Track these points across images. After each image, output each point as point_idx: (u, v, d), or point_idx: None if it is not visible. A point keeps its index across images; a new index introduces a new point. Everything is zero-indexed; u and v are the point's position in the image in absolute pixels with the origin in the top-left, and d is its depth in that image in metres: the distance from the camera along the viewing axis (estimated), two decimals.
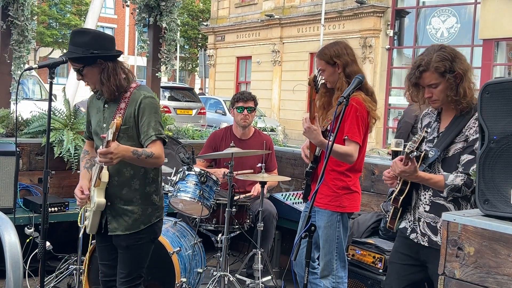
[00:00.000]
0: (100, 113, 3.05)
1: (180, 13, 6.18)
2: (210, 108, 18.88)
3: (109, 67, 2.92)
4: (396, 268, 2.85)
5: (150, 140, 2.89)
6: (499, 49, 17.15)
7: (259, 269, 4.21)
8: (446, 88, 2.60)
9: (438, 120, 2.77)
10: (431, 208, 2.69)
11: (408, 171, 2.51)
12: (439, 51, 2.61)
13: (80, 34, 2.96)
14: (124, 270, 3.03)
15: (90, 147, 3.24)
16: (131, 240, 3.00)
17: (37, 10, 29.48)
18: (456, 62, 2.61)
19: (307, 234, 2.49)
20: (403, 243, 2.83)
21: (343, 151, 3.27)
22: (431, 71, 2.59)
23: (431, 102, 2.68)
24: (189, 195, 4.06)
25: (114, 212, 3.01)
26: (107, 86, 2.91)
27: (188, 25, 33.56)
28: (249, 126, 4.89)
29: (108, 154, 2.69)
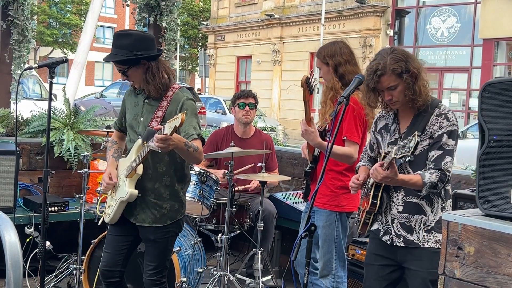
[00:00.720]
0: (139, 107, 3.15)
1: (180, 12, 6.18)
2: (210, 107, 18.88)
3: (153, 66, 3.04)
4: (374, 270, 2.87)
5: (191, 138, 3.00)
6: (499, 48, 17.16)
7: (259, 268, 4.21)
8: (404, 88, 2.65)
9: (396, 121, 2.80)
10: (404, 208, 2.72)
11: (391, 176, 2.53)
12: (391, 53, 2.67)
13: (123, 36, 3.06)
14: (152, 262, 3.15)
15: (118, 138, 3.37)
16: (158, 233, 3.12)
17: (37, 10, 29.48)
18: (410, 62, 2.66)
19: (307, 234, 2.49)
20: (377, 244, 2.85)
21: (342, 153, 3.28)
22: (389, 74, 2.63)
23: (391, 104, 2.72)
24: (189, 194, 4.05)
25: (144, 204, 3.11)
26: (153, 85, 3.03)
27: (188, 25, 33.54)
28: (251, 124, 4.89)
29: (167, 140, 2.76)
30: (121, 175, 3.16)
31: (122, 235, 3.20)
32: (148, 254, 3.18)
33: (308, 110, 3.25)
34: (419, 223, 2.69)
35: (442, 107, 2.69)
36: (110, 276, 3.19)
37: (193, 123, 3.04)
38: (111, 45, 3.07)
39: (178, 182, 3.17)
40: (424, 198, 2.68)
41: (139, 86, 3.11)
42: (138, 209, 3.12)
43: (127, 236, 3.20)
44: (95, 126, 4.92)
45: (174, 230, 3.19)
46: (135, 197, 3.08)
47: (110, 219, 3.18)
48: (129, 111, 3.21)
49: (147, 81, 3.03)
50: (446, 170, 2.59)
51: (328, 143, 2.77)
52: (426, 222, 2.68)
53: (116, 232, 3.21)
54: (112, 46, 3.05)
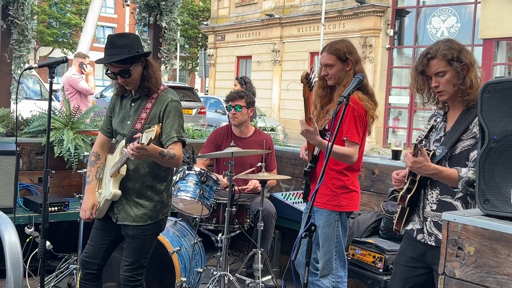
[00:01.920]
0: (126, 111, 3.22)
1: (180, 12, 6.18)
2: (210, 107, 18.88)
3: (150, 62, 3.17)
4: (401, 269, 2.84)
5: (171, 141, 3.09)
6: (499, 48, 17.15)
7: (259, 268, 4.21)
8: (453, 77, 2.60)
9: (444, 120, 2.75)
10: (438, 206, 2.66)
11: (420, 162, 2.49)
12: (447, 42, 2.65)
13: (121, 36, 3.18)
14: (128, 258, 3.20)
15: (101, 149, 3.35)
16: (137, 230, 3.18)
17: (37, 9, 29.48)
18: (463, 53, 2.63)
19: (307, 234, 2.49)
20: (409, 244, 2.82)
21: (343, 152, 3.27)
22: (439, 58, 2.59)
23: (438, 93, 2.66)
24: (189, 194, 4.06)
25: (125, 202, 3.19)
26: (154, 79, 3.13)
27: (188, 25, 33.54)
28: (247, 124, 4.88)
29: (141, 150, 2.85)
30: (106, 173, 3.25)
31: (105, 230, 3.30)
32: (125, 249, 3.24)
33: (308, 107, 3.23)
34: None
35: None
36: (89, 267, 3.28)
37: (175, 126, 3.11)
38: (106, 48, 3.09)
39: (161, 183, 3.22)
40: (460, 199, 2.61)
41: (134, 87, 3.16)
42: (120, 207, 3.20)
43: (110, 231, 3.29)
44: (95, 126, 4.92)
45: (154, 229, 3.24)
46: (118, 197, 3.16)
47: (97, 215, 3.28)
48: (116, 115, 3.28)
49: (149, 76, 3.12)
50: None
51: (328, 142, 2.76)
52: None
53: (100, 226, 3.32)
54: (109, 48, 3.08)
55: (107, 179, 3.22)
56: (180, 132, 3.13)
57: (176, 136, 3.09)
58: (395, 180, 2.80)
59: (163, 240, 3.93)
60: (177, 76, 34.10)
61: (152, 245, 3.27)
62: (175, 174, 4.27)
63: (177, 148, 3.08)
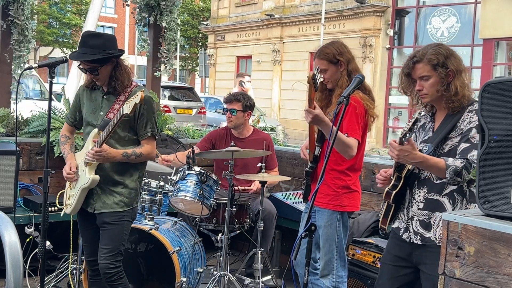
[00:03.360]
0: (97, 103, 3.34)
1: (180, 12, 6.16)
2: (210, 107, 18.89)
3: (120, 63, 3.28)
4: (388, 269, 2.85)
5: (145, 137, 3.30)
6: (499, 48, 17.16)
7: (259, 268, 4.21)
8: (436, 83, 2.63)
9: (432, 120, 2.78)
10: (425, 205, 2.69)
11: (407, 150, 2.49)
12: (435, 47, 2.67)
13: (93, 37, 3.26)
14: (107, 245, 3.28)
15: (70, 133, 3.56)
16: (115, 217, 3.29)
17: (37, 9, 29.47)
18: (451, 59, 2.64)
19: (307, 234, 2.49)
20: (395, 244, 2.83)
21: (346, 141, 3.23)
22: (424, 62, 2.62)
23: (421, 96, 2.69)
24: (190, 194, 4.06)
25: (100, 192, 3.30)
26: (121, 81, 3.28)
27: (188, 25, 33.54)
28: (240, 127, 4.87)
29: (102, 153, 3.13)
30: (79, 165, 3.35)
31: (90, 228, 3.41)
32: (103, 238, 3.30)
33: (312, 107, 3.24)
34: (438, 220, 2.64)
35: (475, 104, 2.62)
36: (94, 264, 3.40)
37: (149, 122, 3.28)
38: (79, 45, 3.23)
39: (135, 171, 3.36)
40: (447, 195, 2.64)
41: (103, 83, 3.29)
42: (95, 197, 3.30)
43: (94, 229, 3.38)
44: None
45: (130, 216, 3.35)
46: (97, 182, 3.26)
47: (72, 209, 3.37)
48: (86, 106, 3.39)
49: (116, 77, 3.25)
50: (473, 162, 2.51)
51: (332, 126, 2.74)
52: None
53: (85, 226, 3.45)
54: (82, 46, 3.21)
55: (81, 170, 3.31)
56: (154, 127, 3.32)
57: (150, 132, 3.29)
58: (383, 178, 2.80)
59: (163, 240, 3.93)
60: (177, 76, 34.12)
61: (128, 231, 3.37)
62: (175, 174, 4.27)
63: (149, 143, 3.30)
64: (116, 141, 3.27)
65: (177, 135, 5.63)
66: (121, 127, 3.25)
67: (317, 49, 3.49)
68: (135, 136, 3.32)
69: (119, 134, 3.27)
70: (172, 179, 4.26)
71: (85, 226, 3.44)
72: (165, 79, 21.59)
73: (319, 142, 3.44)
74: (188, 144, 4.93)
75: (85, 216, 3.39)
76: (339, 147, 3.26)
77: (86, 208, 3.34)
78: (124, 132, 3.29)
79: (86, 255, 3.50)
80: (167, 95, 16.73)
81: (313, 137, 3.43)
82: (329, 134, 3.02)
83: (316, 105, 3.16)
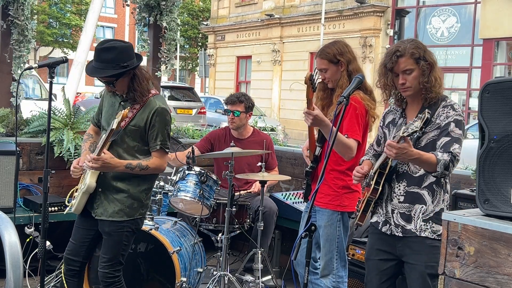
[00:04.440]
0: (114, 108, 3.28)
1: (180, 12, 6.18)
2: (210, 107, 18.89)
3: (138, 75, 3.19)
4: (373, 264, 2.91)
5: (154, 149, 3.22)
6: (499, 48, 17.16)
7: (259, 268, 4.21)
8: (419, 75, 2.73)
9: (403, 116, 2.86)
10: (405, 198, 2.76)
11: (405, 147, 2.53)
12: (412, 42, 2.78)
13: (106, 50, 3.13)
14: (106, 254, 3.24)
15: (94, 133, 3.50)
16: (113, 227, 3.22)
17: (37, 9, 29.47)
18: (427, 53, 2.77)
19: (307, 234, 2.49)
20: (377, 239, 2.90)
21: (346, 142, 3.24)
22: (407, 56, 2.72)
23: (403, 89, 2.77)
24: (189, 194, 4.06)
25: (104, 198, 3.24)
26: (140, 92, 3.17)
27: (188, 25, 33.54)
28: (242, 127, 4.86)
29: (99, 161, 3.06)
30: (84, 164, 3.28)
31: (86, 228, 3.35)
32: (103, 246, 3.27)
33: (311, 107, 3.24)
34: (418, 212, 2.73)
35: (448, 100, 2.76)
36: (71, 264, 3.38)
37: (160, 134, 3.19)
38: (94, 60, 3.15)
39: (141, 183, 3.27)
40: (426, 188, 2.73)
41: (122, 92, 3.24)
42: (98, 203, 3.25)
43: (90, 229, 3.33)
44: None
45: (131, 226, 3.27)
46: (93, 189, 3.20)
47: (75, 209, 3.31)
48: (105, 110, 3.35)
49: (134, 88, 3.17)
50: (456, 154, 2.60)
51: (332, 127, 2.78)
52: (425, 212, 2.72)
53: (81, 224, 3.37)
54: (96, 61, 3.14)
55: (86, 173, 3.28)
56: (165, 140, 3.22)
57: (160, 145, 3.20)
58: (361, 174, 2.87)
59: (163, 240, 3.93)
60: (177, 76, 34.12)
61: (129, 242, 3.30)
62: (175, 174, 4.27)
63: (159, 156, 3.21)
64: (125, 150, 3.21)
65: (177, 135, 5.63)
66: (131, 136, 3.20)
67: (319, 48, 3.50)
68: (145, 147, 3.24)
69: (128, 144, 3.20)
70: (172, 179, 4.26)
71: (81, 224, 3.37)
72: (165, 79, 21.58)
73: (319, 142, 3.44)
74: (188, 144, 4.92)
75: (86, 215, 3.34)
76: (339, 149, 3.26)
77: (90, 210, 3.30)
78: (134, 142, 3.21)
79: (67, 250, 3.38)
80: (167, 95, 16.74)
81: (313, 137, 3.44)
82: (329, 135, 3.03)
83: (315, 106, 3.16)
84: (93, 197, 3.25)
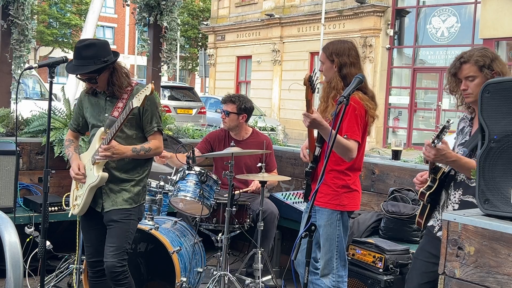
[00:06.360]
0: (100, 106, 3.36)
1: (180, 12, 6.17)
2: (210, 107, 18.88)
3: (116, 69, 3.28)
4: (420, 264, 2.95)
5: (152, 132, 3.33)
6: (499, 48, 17.14)
7: (259, 268, 4.21)
8: (482, 83, 2.68)
9: (470, 125, 2.87)
10: (460, 206, 2.76)
11: (444, 149, 2.55)
12: (482, 50, 2.79)
13: (87, 47, 3.22)
14: (113, 244, 3.27)
15: (74, 138, 3.58)
16: (122, 215, 3.29)
17: (38, 9, 29.46)
18: (496, 62, 2.75)
19: (307, 234, 2.49)
20: (429, 241, 2.92)
21: (345, 144, 3.25)
22: (471, 63, 2.73)
23: (465, 95, 2.78)
24: (190, 194, 4.06)
25: (109, 191, 3.31)
26: (118, 85, 3.27)
27: (188, 25, 33.53)
28: (236, 128, 4.84)
29: (110, 149, 3.13)
30: (86, 165, 3.34)
31: (95, 228, 3.40)
32: (109, 236, 3.29)
33: (310, 108, 3.24)
34: None
35: None
36: (96, 265, 3.42)
37: (154, 118, 3.32)
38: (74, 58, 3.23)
39: (142, 166, 3.38)
40: None
41: (103, 89, 3.31)
42: (104, 197, 3.30)
43: (99, 229, 3.37)
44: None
45: (136, 215, 3.37)
46: (106, 179, 3.26)
47: (80, 209, 3.35)
48: (89, 110, 3.40)
49: (112, 83, 3.26)
50: None
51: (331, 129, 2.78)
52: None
53: (88, 227, 3.43)
54: (77, 58, 3.21)
55: (89, 169, 3.30)
56: (159, 122, 3.35)
57: (157, 127, 3.33)
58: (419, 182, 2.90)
59: (163, 240, 3.93)
60: (177, 76, 34.09)
61: (134, 230, 3.38)
62: (175, 174, 4.27)
63: (157, 138, 3.34)
64: (124, 140, 3.28)
65: (177, 135, 5.63)
66: (128, 125, 3.28)
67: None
68: (141, 134, 3.35)
69: (126, 133, 3.29)
70: (172, 179, 4.26)
71: (89, 226, 3.42)
72: (165, 79, 21.58)
73: (319, 143, 3.44)
74: (188, 144, 4.92)
75: (91, 216, 3.38)
76: (339, 150, 3.27)
77: (94, 207, 3.34)
78: (132, 130, 3.31)
79: (87, 255, 3.48)
80: (167, 95, 16.73)
81: (312, 137, 3.44)
82: (328, 137, 3.04)
83: (314, 109, 3.17)
84: (96, 193, 3.31)
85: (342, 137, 3.29)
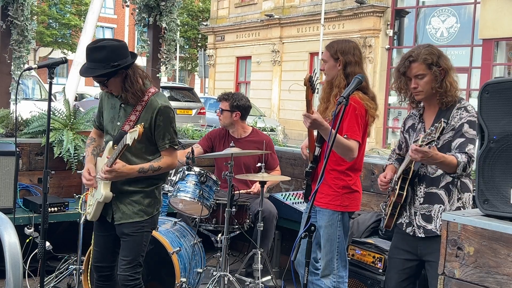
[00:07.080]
0: (115, 110, 3.23)
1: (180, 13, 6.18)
2: (210, 108, 18.87)
3: (130, 74, 3.11)
4: (395, 263, 3.03)
5: (163, 148, 3.19)
6: (498, 49, 17.15)
7: (259, 269, 4.21)
8: (431, 80, 2.82)
9: (421, 121, 2.96)
10: (424, 199, 2.88)
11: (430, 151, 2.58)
12: (427, 47, 2.86)
13: (97, 50, 3.07)
14: (126, 257, 3.19)
15: (97, 136, 3.45)
16: (134, 228, 3.18)
17: (37, 10, 29.45)
18: (442, 59, 2.84)
19: (307, 234, 2.49)
20: (400, 238, 3.01)
21: (346, 144, 3.25)
22: (420, 61, 2.81)
23: (415, 93, 2.87)
24: (189, 195, 4.06)
25: (120, 203, 3.20)
26: (131, 93, 3.11)
27: (187, 25, 33.53)
28: (231, 126, 4.85)
29: (112, 172, 3.04)
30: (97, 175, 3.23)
31: (105, 233, 3.32)
32: (122, 249, 3.23)
33: (310, 108, 3.24)
34: (437, 212, 2.83)
35: (462, 102, 2.84)
36: (101, 270, 3.35)
37: (167, 134, 3.16)
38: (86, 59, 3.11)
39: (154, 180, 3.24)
40: (443, 187, 2.83)
41: (117, 93, 3.18)
42: (114, 208, 3.21)
43: (110, 235, 3.31)
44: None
45: (149, 226, 3.26)
46: (110, 199, 3.16)
47: (91, 217, 3.29)
48: (106, 111, 3.30)
49: (125, 89, 3.10)
50: (471, 155, 2.68)
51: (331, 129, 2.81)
52: (443, 211, 2.79)
53: (100, 231, 3.35)
54: (88, 60, 3.09)
55: (99, 182, 3.21)
56: (173, 138, 3.19)
57: (169, 144, 3.17)
58: (385, 183, 3.00)
59: (163, 240, 3.93)
60: (176, 77, 34.09)
61: (147, 242, 3.29)
62: (175, 174, 4.27)
63: (169, 155, 3.19)
64: (133, 154, 3.16)
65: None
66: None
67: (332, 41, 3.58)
68: (153, 146, 3.20)
69: (135, 146, 3.08)
70: (171, 180, 4.26)
71: (100, 231, 3.34)
72: (165, 79, 21.57)
73: (319, 143, 3.44)
74: (188, 144, 4.93)
75: (103, 222, 3.29)
76: (340, 150, 3.27)
77: (105, 216, 3.26)
78: (140, 144, 3.10)
79: (94, 259, 3.40)
80: (167, 95, 16.68)
81: (312, 137, 3.44)
82: (328, 138, 3.04)
83: (314, 110, 3.17)
84: (107, 204, 3.21)
85: (342, 137, 3.29)
